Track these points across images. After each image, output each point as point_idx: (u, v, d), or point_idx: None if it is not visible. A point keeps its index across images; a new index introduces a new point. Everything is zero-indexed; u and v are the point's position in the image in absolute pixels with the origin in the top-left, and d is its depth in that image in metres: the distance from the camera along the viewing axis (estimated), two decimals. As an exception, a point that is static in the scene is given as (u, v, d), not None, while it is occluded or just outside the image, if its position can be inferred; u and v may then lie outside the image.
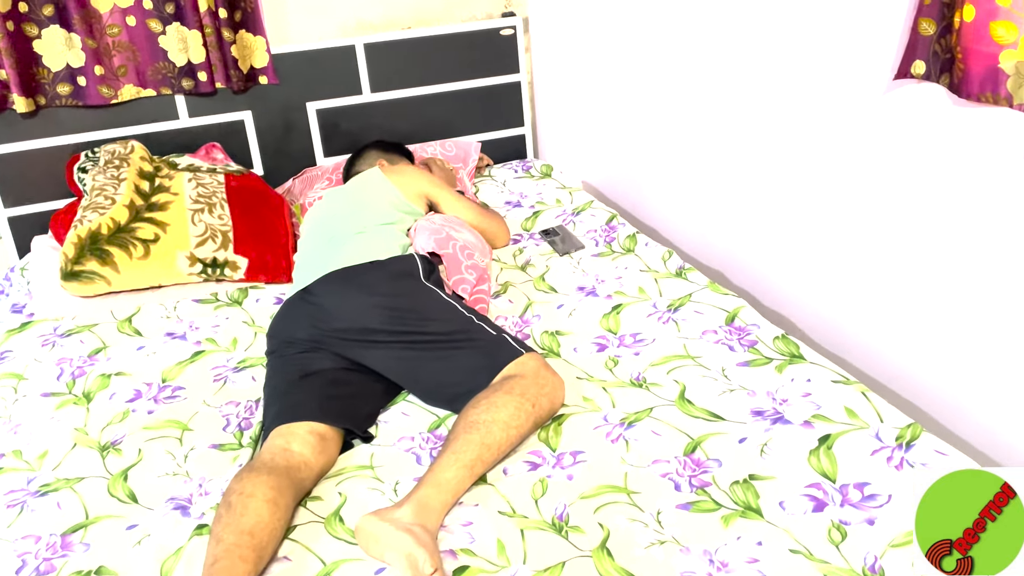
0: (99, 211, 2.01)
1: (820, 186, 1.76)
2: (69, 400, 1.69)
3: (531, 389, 1.48)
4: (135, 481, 1.46)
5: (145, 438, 1.56)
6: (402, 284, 1.72)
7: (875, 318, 1.69)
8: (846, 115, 1.65)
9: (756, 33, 1.84)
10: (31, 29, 2.20)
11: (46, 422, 1.62)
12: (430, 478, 1.33)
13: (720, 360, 1.64)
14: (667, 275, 1.97)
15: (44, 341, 1.89)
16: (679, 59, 2.11)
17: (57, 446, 1.54)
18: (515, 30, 2.72)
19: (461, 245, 1.94)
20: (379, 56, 2.58)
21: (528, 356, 1.57)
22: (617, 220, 2.27)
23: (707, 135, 2.08)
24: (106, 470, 1.48)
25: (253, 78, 2.45)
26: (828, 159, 1.72)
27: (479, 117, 2.77)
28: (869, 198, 1.64)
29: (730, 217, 2.06)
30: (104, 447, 1.54)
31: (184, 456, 1.52)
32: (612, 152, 2.53)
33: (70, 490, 1.43)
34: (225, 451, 1.53)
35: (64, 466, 1.49)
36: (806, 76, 1.73)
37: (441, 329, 1.63)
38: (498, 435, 1.40)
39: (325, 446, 1.46)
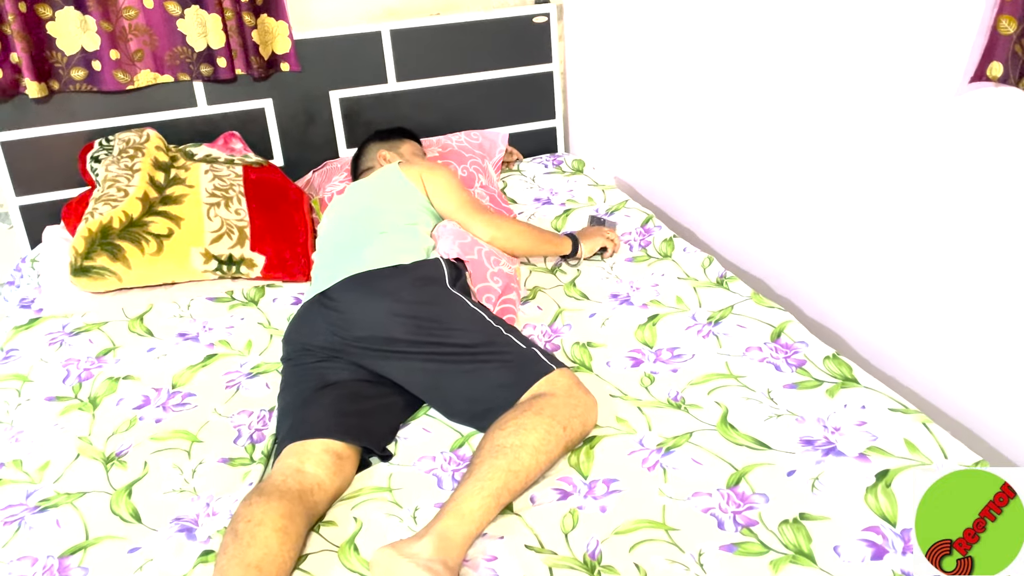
0: (111, 204, 1.92)
1: (877, 192, 1.63)
2: (74, 405, 1.60)
3: (562, 410, 1.38)
4: (139, 497, 1.37)
5: (152, 449, 1.47)
6: (427, 291, 1.62)
7: (938, 340, 1.56)
8: (911, 118, 1.51)
9: (811, 24, 1.70)
10: (45, 10, 2.11)
11: (49, 429, 1.54)
12: (452, 507, 1.23)
13: (766, 381, 1.53)
14: (707, 284, 1.85)
15: (52, 340, 1.81)
16: (724, 49, 1.98)
17: (59, 456, 1.46)
18: (549, 17, 2.60)
19: (488, 251, 1.83)
20: (406, 43, 2.47)
21: (559, 372, 1.46)
22: (653, 222, 2.15)
23: (752, 131, 1.95)
24: (109, 484, 1.40)
25: (274, 65, 2.35)
26: (889, 164, 1.59)
27: (509, 108, 2.65)
28: (934, 208, 1.51)
29: (775, 221, 1.94)
30: (108, 459, 1.46)
31: (192, 471, 1.43)
32: (648, 148, 2.40)
33: (71, 506, 1.35)
34: (235, 466, 1.44)
35: (66, 479, 1.41)
36: (869, 73, 1.59)
37: (467, 341, 1.52)
38: (527, 461, 1.30)
39: (341, 466, 1.36)
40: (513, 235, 1.90)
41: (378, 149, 2.13)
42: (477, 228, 1.87)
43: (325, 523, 1.30)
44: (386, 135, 2.20)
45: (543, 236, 1.98)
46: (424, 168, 1.93)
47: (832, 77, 1.68)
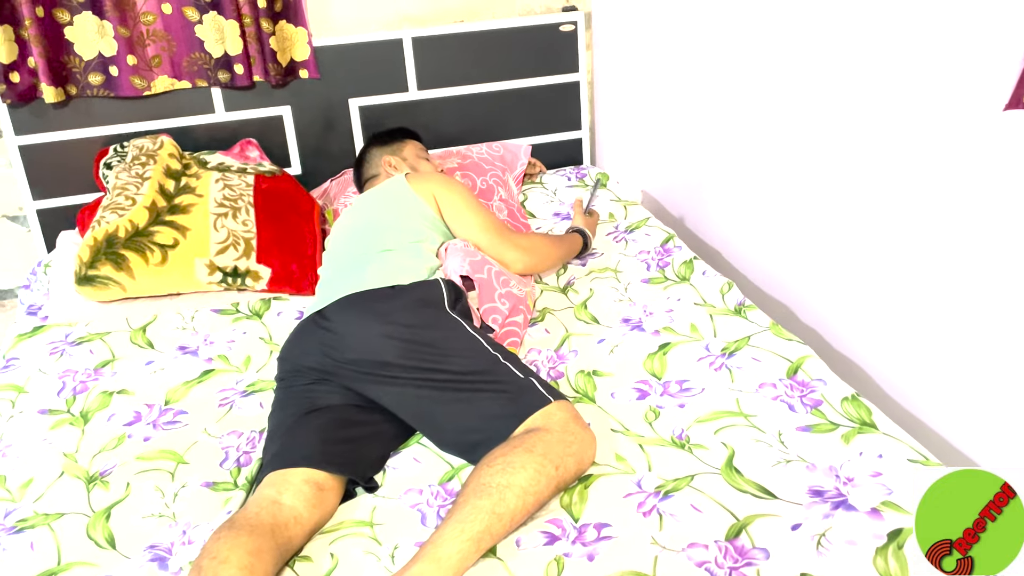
0: (118, 212, 1.90)
1: (916, 221, 1.52)
2: (65, 420, 1.58)
3: (556, 447, 1.30)
4: (117, 521, 1.33)
5: (136, 470, 1.44)
6: (423, 314, 1.55)
7: (973, 384, 1.45)
8: (948, 145, 1.41)
9: (848, 36, 1.60)
10: (62, 15, 2.10)
11: (38, 444, 1.51)
12: (430, 551, 1.17)
13: (777, 421, 1.43)
14: (724, 311, 1.76)
15: (53, 349, 1.79)
16: (757, 62, 1.88)
17: (43, 474, 1.43)
18: (576, 26, 2.52)
19: (497, 270, 1.76)
20: (428, 51, 2.42)
21: (557, 405, 1.39)
22: (673, 242, 2.06)
23: (783, 150, 1.85)
24: (89, 506, 1.36)
25: (293, 72, 2.31)
26: (929, 193, 1.48)
27: (533, 118, 2.58)
28: (982, 244, 1.40)
29: (804, 244, 1.84)
30: (92, 478, 1.42)
31: (174, 495, 1.39)
32: (676, 162, 2.31)
33: (47, 527, 1.32)
34: (218, 491, 1.40)
35: (46, 498, 1.38)
36: (906, 96, 1.49)
37: (462, 368, 1.45)
38: (512, 503, 1.22)
39: (322, 498, 1.31)
40: (543, 259, 1.89)
41: (382, 155, 2.06)
42: (507, 255, 1.82)
43: (301, 558, 1.25)
44: (387, 138, 2.12)
45: (562, 247, 1.96)
46: (436, 184, 1.86)
47: (869, 92, 1.57)
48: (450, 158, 2.35)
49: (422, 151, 2.13)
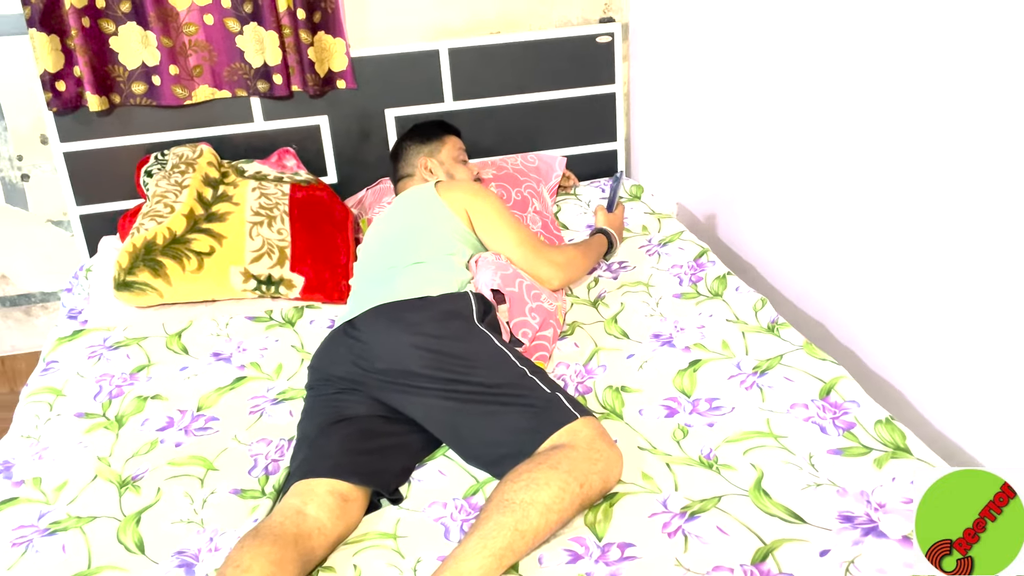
0: (157, 219, 1.94)
1: (955, 239, 1.48)
2: (100, 424, 1.61)
3: (581, 464, 1.29)
4: (147, 526, 1.35)
5: (167, 475, 1.46)
6: (450, 325, 1.55)
7: (1016, 411, 1.41)
8: (993, 163, 1.37)
9: (886, 49, 1.57)
10: (108, 25, 2.15)
11: (73, 447, 1.54)
12: (451, 566, 1.17)
13: (808, 443, 1.40)
14: (757, 329, 1.73)
15: (91, 353, 1.83)
16: (796, 78, 1.86)
17: (77, 477, 1.46)
18: (613, 37, 2.51)
19: (528, 284, 1.76)
20: (464, 62, 2.43)
21: (583, 422, 1.38)
22: (707, 257, 2.04)
23: (820, 164, 1.82)
24: (120, 511, 1.39)
25: (330, 82, 2.34)
26: (966, 209, 1.45)
27: (568, 130, 2.58)
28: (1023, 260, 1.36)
29: (840, 262, 1.80)
30: (124, 482, 1.45)
31: (203, 501, 1.41)
32: (711, 175, 2.29)
33: (79, 531, 1.34)
34: (245, 498, 1.41)
35: (80, 501, 1.40)
36: (946, 110, 1.46)
37: (488, 380, 1.45)
38: (535, 521, 1.22)
39: (346, 509, 1.32)
40: (576, 272, 1.88)
41: (419, 154, 2.05)
42: (542, 271, 1.80)
43: (324, 568, 1.26)
44: (426, 133, 2.09)
45: (591, 254, 1.96)
46: (468, 196, 1.85)
47: (909, 105, 1.54)
48: (485, 169, 2.36)
49: (460, 151, 2.11)
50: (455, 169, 2.06)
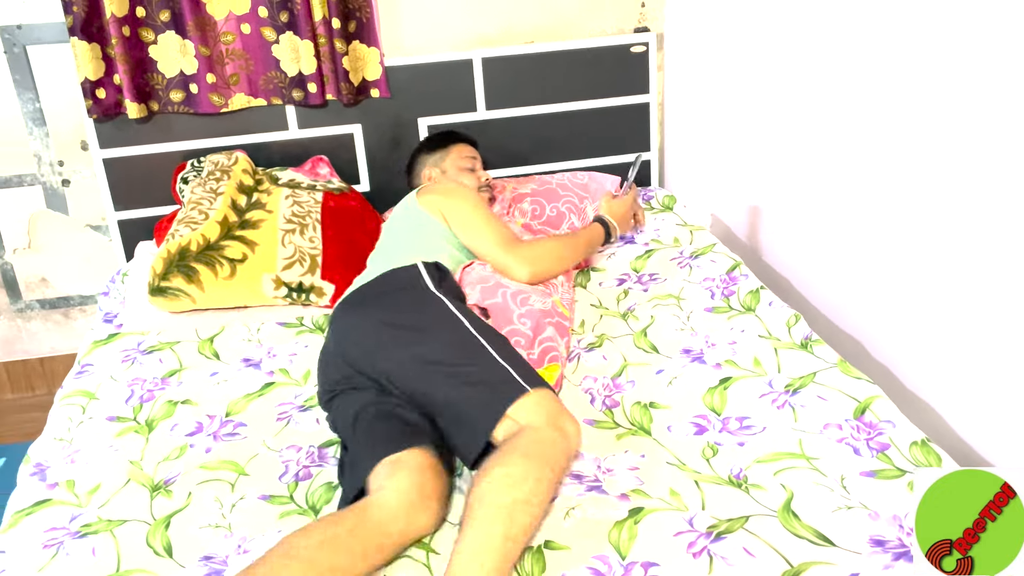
0: (191, 226, 1.97)
1: (995, 254, 1.44)
2: (131, 428, 1.63)
3: (548, 448, 1.29)
4: (176, 530, 1.36)
5: (198, 479, 1.47)
6: (401, 297, 1.58)
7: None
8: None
9: (925, 59, 1.54)
10: (147, 34, 2.19)
11: (104, 451, 1.56)
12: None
13: (841, 465, 1.37)
14: (790, 345, 1.70)
15: (125, 357, 1.86)
16: (833, 89, 1.83)
17: (110, 480, 1.47)
18: (647, 47, 2.49)
19: (513, 291, 1.73)
20: (497, 71, 2.43)
21: (537, 397, 1.36)
22: (740, 270, 2.01)
23: (857, 177, 1.79)
24: (151, 514, 1.40)
25: (364, 91, 2.35)
26: (1008, 225, 1.41)
27: (601, 139, 2.57)
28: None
29: (877, 277, 1.77)
30: (156, 486, 1.46)
31: (232, 506, 1.41)
32: (746, 187, 2.26)
33: (109, 534, 1.35)
34: (274, 504, 1.41)
35: (111, 505, 1.41)
36: (985, 122, 1.42)
37: (442, 356, 1.45)
38: (522, 521, 1.22)
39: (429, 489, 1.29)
40: (552, 264, 1.82)
41: (425, 164, 2.09)
42: (512, 269, 1.77)
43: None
44: (433, 144, 2.12)
45: (577, 244, 1.91)
46: (442, 196, 1.85)
47: (949, 118, 1.51)
48: (527, 184, 2.33)
49: (467, 157, 2.10)
50: (460, 177, 2.06)
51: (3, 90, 2.28)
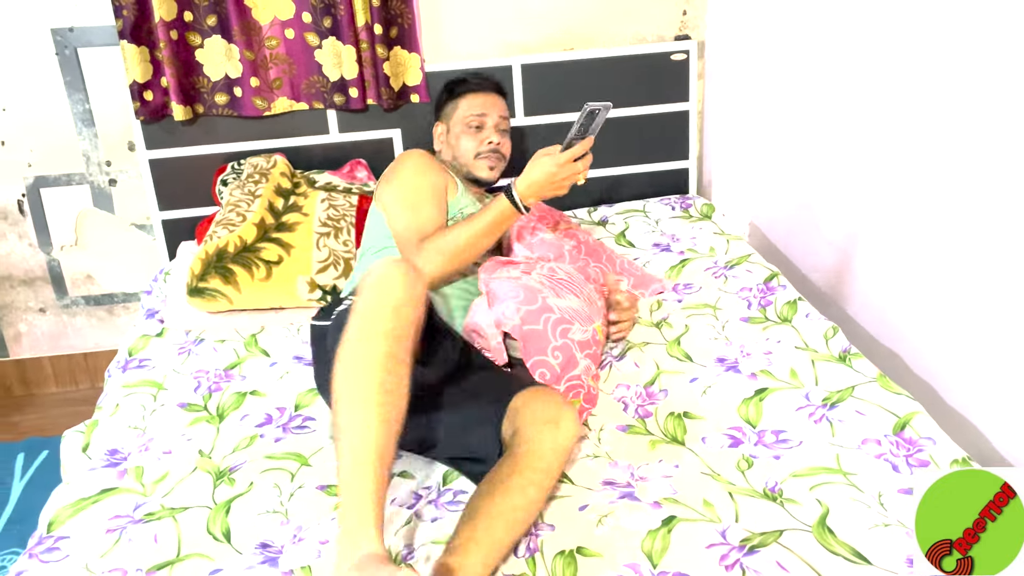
0: (229, 228, 2.00)
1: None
2: (203, 417, 1.66)
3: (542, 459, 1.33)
4: (235, 516, 1.38)
5: (262, 468, 1.49)
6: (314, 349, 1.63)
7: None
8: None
9: (970, 68, 1.51)
10: (194, 38, 2.23)
11: (176, 440, 1.59)
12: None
13: (879, 481, 1.35)
14: (827, 358, 1.68)
15: (180, 350, 1.90)
16: (875, 100, 1.80)
17: (177, 470, 1.50)
18: (688, 55, 2.48)
19: (556, 319, 1.58)
20: (537, 77, 2.43)
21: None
22: (778, 281, 1.98)
23: (899, 189, 1.76)
24: (213, 500, 1.42)
25: (404, 96, 2.37)
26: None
27: (639, 146, 2.55)
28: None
29: (919, 290, 1.73)
30: (221, 473, 1.48)
31: (290, 495, 1.43)
32: (785, 197, 2.24)
33: (172, 519, 1.37)
34: (331, 495, 1.42)
35: (175, 493, 1.44)
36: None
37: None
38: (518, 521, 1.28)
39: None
40: (449, 258, 1.60)
41: (439, 117, 1.97)
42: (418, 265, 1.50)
43: None
44: (447, 93, 1.93)
45: (478, 234, 1.62)
46: (383, 182, 1.77)
47: (996, 124, 1.48)
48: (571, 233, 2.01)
49: (473, 115, 1.84)
50: (461, 140, 1.85)
51: (54, 91, 2.34)
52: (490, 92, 1.92)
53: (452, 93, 1.91)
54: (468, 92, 1.88)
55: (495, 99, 1.91)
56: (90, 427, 1.66)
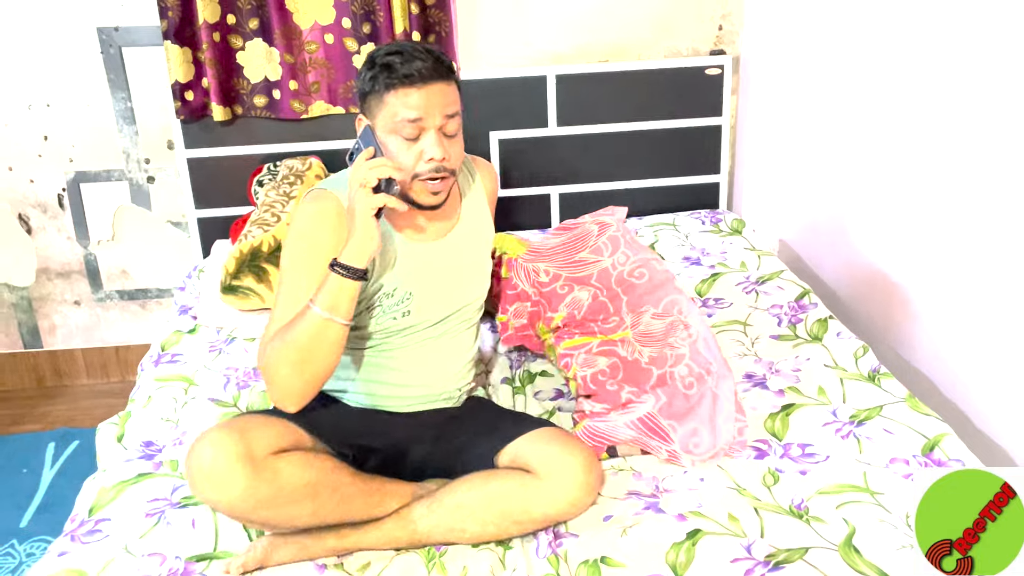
0: (264, 227, 2.03)
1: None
2: (234, 412, 1.68)
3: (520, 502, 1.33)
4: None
5: None
6: None
7: None
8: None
9: (1006, 82, 1.50)
10: (236, 41, 2.27)
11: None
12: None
13: (907, 502, 1.34)
14: (857, 376, 1.67)
15: (212, 347, 1.93)
16: (911, 121, 1.80)
17: None
18: (722, 70, 2.48)
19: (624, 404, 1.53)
20: (571, 88, 2.45)
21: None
22: (809, 298, 1.98)
23: (932, 208, 1.75)
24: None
25: (439, 102, 2.39)
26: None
27: (671, 160, 2.56)
28: None
29: (953, 312, 1.72)
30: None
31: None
32: (817, 214, 2.23)
33: (208, 508, 1.38)
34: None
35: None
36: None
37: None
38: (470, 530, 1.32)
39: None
40: (274, 378, 1.31)
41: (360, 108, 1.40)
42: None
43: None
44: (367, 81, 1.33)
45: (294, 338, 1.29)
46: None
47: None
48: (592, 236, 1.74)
49: (411, 114, 1.29)
50: (390, 150, 1.33)
51: (98, 88, 2.39)
52: (429, 82, 1.30)
53: (374, 84, 1.32)
54: (396, 85, 1.29)
55: (437, 89, 1.31)
56: (123, 418, 1.69)
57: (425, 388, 1.50)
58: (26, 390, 2.66)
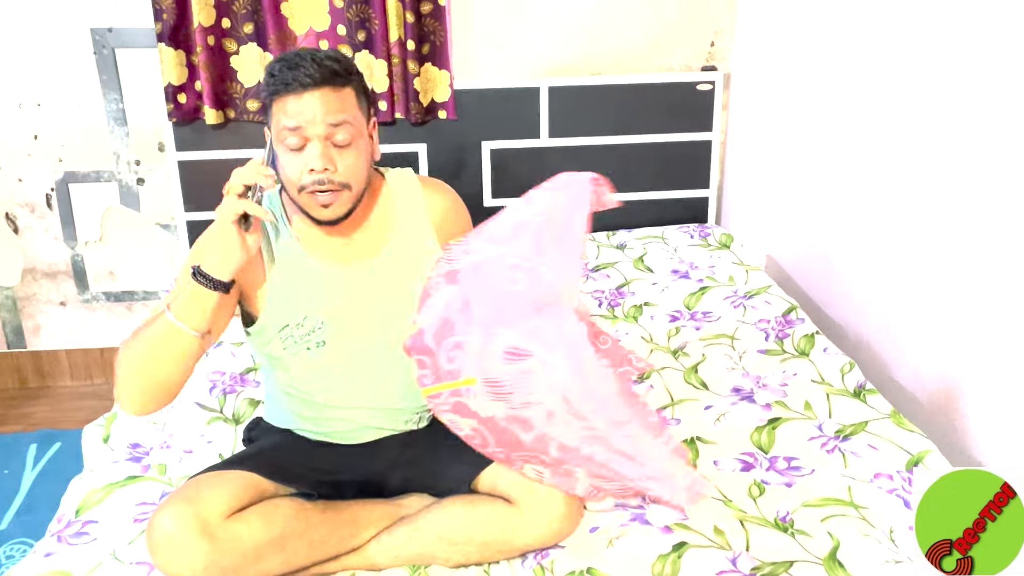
0: (257, 232, 2.02)
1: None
2: (219, 417, 1.68)
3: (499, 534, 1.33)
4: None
5: None
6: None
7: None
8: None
9: (994, 100, 1.53)
10: (231, 45, 2.27)
11: (196, 440, 1.61)
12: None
13: (891, 517, 1.36)
14: (842, 392, 1.69)
15: (196, 351, 1.92)
16: (900, 145, 1.82)
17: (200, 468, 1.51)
18: (714, 86, 2.51)
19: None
20: (563, 100, 2.47)
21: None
22: (796, 314, 2.00)
23: (920, 225, 1.77)
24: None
25: (432, 111, 2.41)
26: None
27: (661, 173, 2.58)
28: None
29: (938, 329, 1.74)
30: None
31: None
32: (805, 230, 2.25)
33: None
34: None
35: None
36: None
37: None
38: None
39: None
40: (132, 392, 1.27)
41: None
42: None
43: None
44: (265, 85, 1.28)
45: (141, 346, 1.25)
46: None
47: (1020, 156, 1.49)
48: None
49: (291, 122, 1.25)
50: (282, 162, 1.29)
51: (90, 89, 2.38)
52: (310, 88, 1.24)
53: (265, 90, 1.29)
54: (279, 93, 1.25)
55: (319, 96, 1.25)
56: (109, 419, 1.68)
57: (371, 417, 1.42)
58: (8, 391, 2.63)
